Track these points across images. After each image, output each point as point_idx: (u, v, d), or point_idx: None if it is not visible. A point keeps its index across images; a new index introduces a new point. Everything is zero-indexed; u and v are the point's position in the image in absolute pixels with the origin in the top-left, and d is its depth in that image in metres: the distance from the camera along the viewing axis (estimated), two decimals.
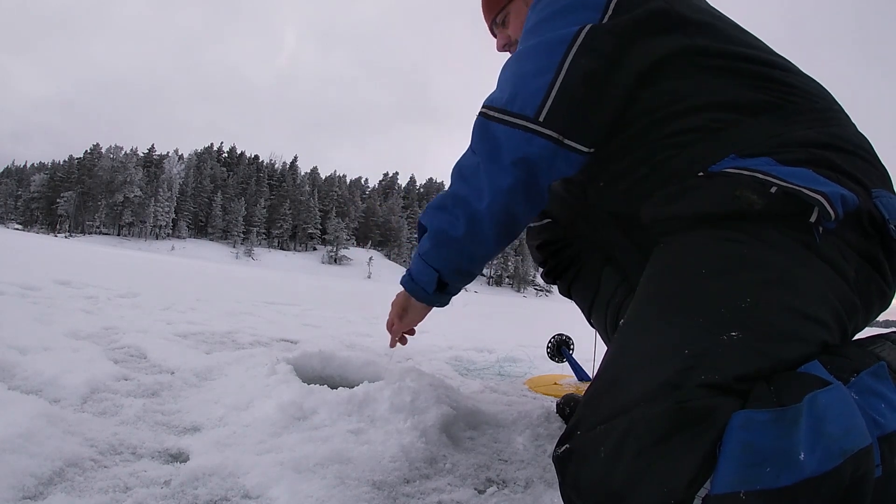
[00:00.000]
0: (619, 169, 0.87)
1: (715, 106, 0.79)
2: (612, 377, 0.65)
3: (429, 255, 0.93)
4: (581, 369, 1.81)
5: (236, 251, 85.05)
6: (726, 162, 0.74)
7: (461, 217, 0.87)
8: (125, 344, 1.63)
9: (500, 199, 0.84)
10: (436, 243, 0.91)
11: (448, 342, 2.86)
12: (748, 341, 0.60)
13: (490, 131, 0.84)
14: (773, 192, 0.66)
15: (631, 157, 0.84)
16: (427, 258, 0.93)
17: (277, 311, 3.66)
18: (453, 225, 0.88)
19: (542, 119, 0.79)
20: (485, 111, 0.86)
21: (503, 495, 0.87)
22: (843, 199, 0.65)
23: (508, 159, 0.81)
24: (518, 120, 0.81)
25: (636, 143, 0.83)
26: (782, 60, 0.85)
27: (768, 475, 0.51)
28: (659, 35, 0.81)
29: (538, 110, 0.80)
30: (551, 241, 1.27)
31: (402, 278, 1.01)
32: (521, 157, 0.81)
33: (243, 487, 0.77)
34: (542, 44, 0.83)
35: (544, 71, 0.80)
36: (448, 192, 0.91)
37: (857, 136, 0.78)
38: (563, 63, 0.79)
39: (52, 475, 0.73)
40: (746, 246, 0.67)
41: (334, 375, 1.41)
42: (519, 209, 0.86)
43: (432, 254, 0.92)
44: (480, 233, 0.87)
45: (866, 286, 0.70)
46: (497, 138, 0.83)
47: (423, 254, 0.94)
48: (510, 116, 0.82)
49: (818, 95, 0.82)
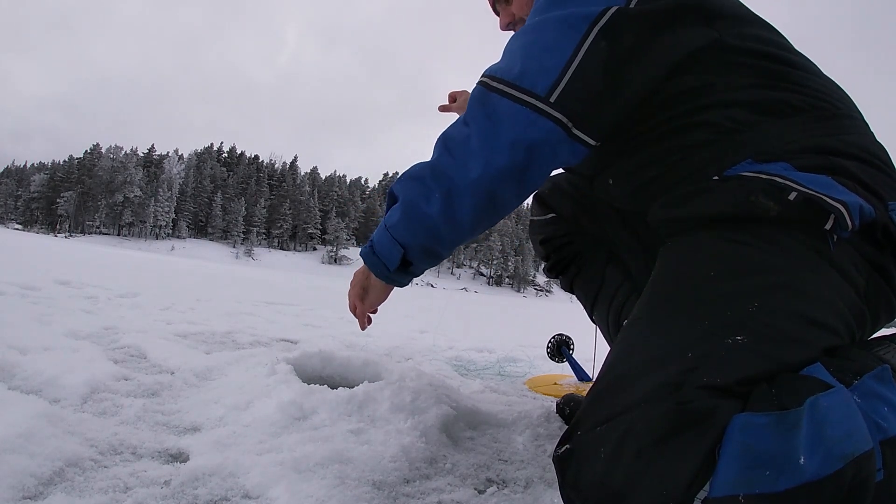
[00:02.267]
0: (630, 166, 0.85)
1: (734, 104, 0.76)
2: (614, 377, 0.65)
3: (396, 228, 0.81)
4: (581, 369, 1.81)
5: (236, 251, 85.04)
6: (743, 166, 0.72)
7: (438, 192, 0.77)
8: (125, 344, 1.63)
9: (487, 179, 0.74)
10: (405, 216, 0.80)
11: (448, 342, 2.86)
12: (753, 345, 0.59)
13: (491, 104, 0.75)
14: (792, 199, 0.65)
15: (644, 154, 0.82)
16: (393, 231, 0.81)
17: (277, 311, 3.66)
18: (428, 199, 0.77)
19: (554, 100, 0.72)
20: (486, 81, 0.77)
21: (503, 495, 0.86)
22: (861, 210, 0.65)
23: (507, 138, 0.73)
24: (525, 97, 0.72)
25: (650, 140, 0.81)
26: (806, 61, 0.82)
27: (768, 478, 0.50)
28: (687, 27, 0.77)
29: (550, 90, 0.72)
30: (555, 236, 1.27)
31: (363, 249, 0.89)
32: (523, 139, 0.72)
33: (243, 487, 0.77)
34: (561, 18, 0.75)
35: (561, 48, 0.73)
36: (428, 162, 0.80)
37: (875, 145, 0.77)
38: (584, 43, 0.72)
39: (52, 475, 0.73)
40: (756, 249, 0.67)
41: (334, 375, 1.41)
42: (506, 195, 0.77)
43: (400, 227, 0.81)
44: (457, 213, 0.77)
45: (875, 297, 0.70)
46: (497, 113, 0.74)
47: (389, 226, 0.82)
48: (517, 91, 0.73)
49: (840, 100, 0.79)
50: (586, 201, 1.16)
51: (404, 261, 0.84)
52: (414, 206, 0.79)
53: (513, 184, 0.76)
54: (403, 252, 0.82)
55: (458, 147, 0.77)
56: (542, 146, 0.73)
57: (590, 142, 0.76)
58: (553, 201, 1.25)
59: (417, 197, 0.79)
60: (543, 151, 0.74)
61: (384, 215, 0.85)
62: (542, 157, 0.75)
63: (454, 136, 0.78)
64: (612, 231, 1.14)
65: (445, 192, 0.76)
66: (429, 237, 0.80)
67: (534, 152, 0.74)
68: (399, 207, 0.81)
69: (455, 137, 0.78)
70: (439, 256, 0.84)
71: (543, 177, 0.78)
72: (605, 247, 1.20)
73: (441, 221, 0.78)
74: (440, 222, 0.78)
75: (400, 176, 0.84)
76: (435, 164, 0.79)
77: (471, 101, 0.78)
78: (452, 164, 0.77)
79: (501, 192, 0.77)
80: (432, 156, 0.81)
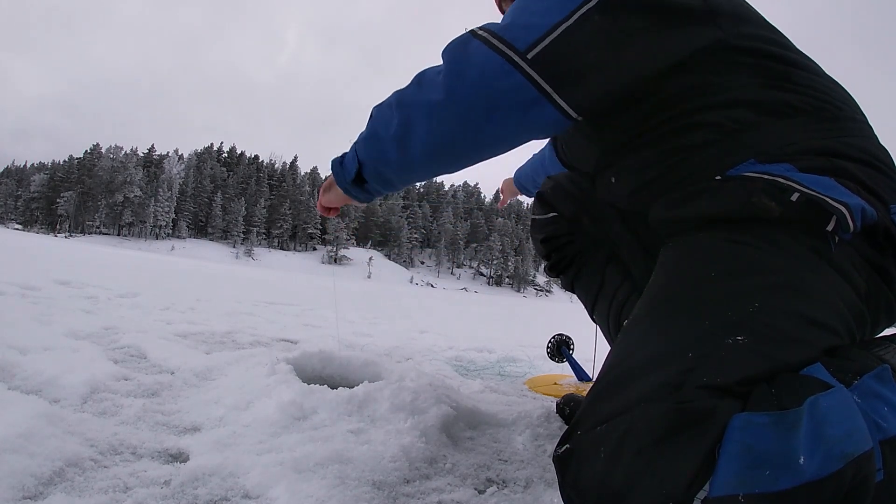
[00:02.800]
0: (632, 164, 0.85)
1: (737, 104, 0.76)
2: (614, 377, 0.65)
3: (358, 144, 0.87)
4: (581, 369, 1.81)
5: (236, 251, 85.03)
6: (745, 166, 0.72)
7: (396, 118, 0.79)
8: (125, 344, 1.64)
9: (444, 109, 0.74)
10: (367, 136, 0.85)
11: (448, 342, 2.87)
12: (753, 345, 0.59)
13: (468, 47, 0.74)
14: (795, 200, 0.65)
15: (646, 153, 0.82)
16: (356, 146, 0.87)
17: (277, 311, 3.66)
18: (387, 124, 0.80)
19: (531, 57, 0.70)
20: (475, 29, 0.77)
21: (503, 495, 0.86)
22: (863, 212, 0.65)
23: (473, 77, 0.72)
24: (503, 47, 0.71)
25: (652, 139, 0.81)
26: (808, 62, 0.82)
27: (767, 478, 0.50)
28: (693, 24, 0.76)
29: (530, 47, 0.71)
30: (556, 235, 1.27)
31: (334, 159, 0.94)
32: (488, 84, 0.71)
33: (243, 487, 0.77)
34: None
35: (553, 11, 0.72)
36: (399, 91, 0.83)
37: (878, 148, 0.76)
38: (577, 11, 0.71)
39: (52, 475, 0.73)
40: (757, 250, 0.67)
41: (334, 375, 1.41)
42: (459, 136, 0.76)
43: (361, 144, 0.86)
44: (410, 140, 0.78)
45: (875, 299, 0.70)
46: (471, 55, 0.73)
47: (356, 142, 0.88)
48: (497, 41, 0.72)
49: (843, 102, 0.79)
50: (588, 201, 1.16)
51: (360, 176, 0.88)
52: (375, 128, 0.83)
53: (469, 127, 0.75)
54: (359, 167, 0.87)
55: (428, 81, 0.78)
56: (506, 98, 0.72)
57: (570, 112, 0.74)
58: (554, 200, 1.25)
59: (381, 119, 0.82)
60: (509, 105, 0.72)
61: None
62: (507, 110, 0.73)
63: (427, 73, 0.80)
64: (613, 231, 1.14)
65: (403, 119, 0.79)
66: (380, 159, 0.84)
67: (498, 101, 0.72)
68: (366, 127, 0.86)
69: (427, 74, 0.80)
70: (390, 182, 0.87)
71: (507, 135, 0.76)
72: (605, 246, 1.20)
73: (393, 146, 0.80)
74: (392, 146, 0.81)
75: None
76: (401, 94, 0.81)
77: (453, 42, 0.78)
78: (416, 95, 0.78)
79: (456, 132, 0.76)
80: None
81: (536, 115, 0.73)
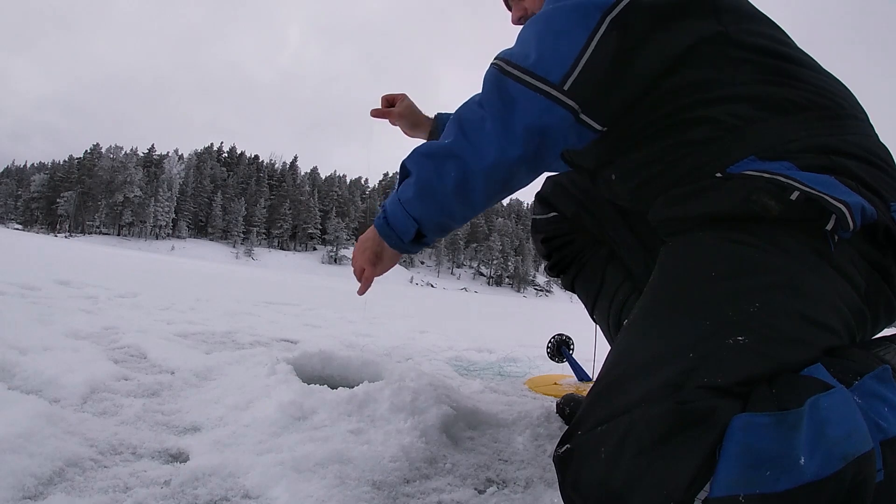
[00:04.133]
0: (633, 161, 0.85)
1: (738, 100, 0.76)
2: (614, 378, 0.65)
3: (411, 204, 0.85)
4: (581, 369, 1.81)
5: (236, 251, 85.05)
6: (745, 164, 0.72)
7: (453, 173, 0.81)
8: (125, 344, 1.63)
9: (502, 167, 0.79)
10: (420, 193, 0.84)
11: (448, 342, 2.87)
12: (753, 345, 0.59)
13: (506, 89, 0.77)
14: (794, 198, 0.65)
15: (646, 150, 0.82)
16: (408, 206, 0.86)
17: (277, 311, 3.66)
18: (442, 179, 0.81)
19: (567, 88, 0.75)
20: (502, 65, 0.79)
21: (503, 495, 0.86)
22: (863, 211, 0.65)
23: (522, 124, 0.76)
24: (541, 84, 0.75)
25: (653, 135, 0.81)
26: (809, 59, 0.82)
27: (768, 479, 0.50)
28: (694, 20, 0.78)
29: (564, 78, 0.75)
30: (557, 234, 1.27)
31: (377, 220, 0.92)
32: (538, 125, 0.76)
33: (243, 487, 0.77)
34: (575, 6, 0.77)
35: (575, 37, 0.75)
36: (443, 143, 0.83)
37: (878, 146, 0.76)
38: (596, 32, 0.75)
39: (52, 475, 0.73)
40: (757, 249, 0.66)
41: (334, 375, 1.41)
42: (519, 177, 0.83)
43: (415, 204, 0.85)
44: (471, 193, 0.82)
45: (875, 298, 0.70)
46: (513, 99, 0.77)
47: (404, 201, 0.86)
48: (532, 78, 0.76)
49: (844, 99, 0.79)
50: (588, 200, 1.16)
51: (418, 233, 0.89)
52: (428, 185, 0.83)
53: (526, 168, 0.81)
54: (418, 227, 0.87)
55: (474, 130, 0.80)
56: (554, 132, 0.77)
57: (596, 127, 0.79)
58: (555, 200, 1.25)
59: (432, 176, 0.83)
60: (555, 136, 0.78)
61: (396, 188, 0.89)
62: (554, 141, 0.79)
63: (469, 118, 0.81)
64: (613, 230, 1.15)
65: (460, 174, 0.80)
66: (443, 214, 0.86)
67: (546, 138, 0.77)
68: (413, 184, 0.85)
69: (470, 119, 0.81)
70: (451, 229, 0.90)
71: (554, 159, 0.83)
72: (606, 246, 1.20)
73: (455, 201, 0.83)
74: (454, 202, 0.83)
75: (412, 152, 0.87)
76: (451, 147, 0.81)
77: (486, 85, 0.81)
78: (468, 147, 0.80)
79: (515, 176, 0.82)
80: (445, 136, 0.84)
81: (573, 136, 0.79)
